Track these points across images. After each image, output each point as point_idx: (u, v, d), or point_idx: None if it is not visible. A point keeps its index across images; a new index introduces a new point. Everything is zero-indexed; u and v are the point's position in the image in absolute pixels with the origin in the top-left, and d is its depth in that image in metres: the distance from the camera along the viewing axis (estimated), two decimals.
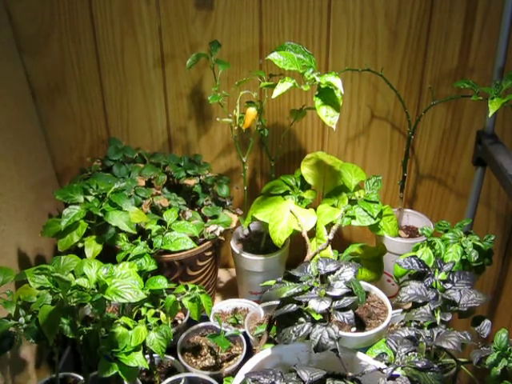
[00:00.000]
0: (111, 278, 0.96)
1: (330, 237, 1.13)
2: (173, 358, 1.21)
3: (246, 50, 1.38)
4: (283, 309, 0.89)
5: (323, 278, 0.92)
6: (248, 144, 1.36)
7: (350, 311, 0.86)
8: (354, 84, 1.40)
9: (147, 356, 1.11)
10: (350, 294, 0.88)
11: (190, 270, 1.32)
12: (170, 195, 1.34)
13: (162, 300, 1.09)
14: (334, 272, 0.92)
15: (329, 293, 0.87)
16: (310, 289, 0.89)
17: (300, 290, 0.89)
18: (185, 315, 1.31)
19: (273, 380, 0.83)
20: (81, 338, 1.01)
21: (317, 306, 0.85)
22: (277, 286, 0.92)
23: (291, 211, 1.20)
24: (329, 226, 1.21)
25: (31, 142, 1.36)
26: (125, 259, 1.12)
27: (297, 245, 1.50)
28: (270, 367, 0.95)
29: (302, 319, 0.88)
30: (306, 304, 0.87)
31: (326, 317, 0.89)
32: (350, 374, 0.85)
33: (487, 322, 0.97)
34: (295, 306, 0.89)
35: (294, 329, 0.87)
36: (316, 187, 1.34)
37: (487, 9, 1.27)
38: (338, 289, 0.88)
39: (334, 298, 0.87)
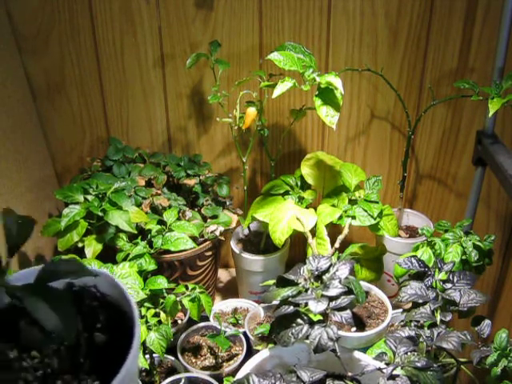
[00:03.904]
0: None
1: (337, 245, 1.15)
2: (173, 358, 1.21)
3: (246, 50, 1.38)
4: (280, 311, 0.88)
5: (318, 278, 0.91)
6: (248, 144, 1.36)
7: (348, 311, 0.85)
8: (354, 84, 1.40)
9: (147, 356, 1.11)
10: (346, 293, 0.87)
11: (190, 269, 1.32)
12: (170, 195, 1.34)
13: (161, 300, 1.09)
14: (328, 271, 0.91)
15: (325, 293, 0.86)
16: (306, 290, 0.88)
17: (295, 292, 0.87)
18: (185, 315, 1.31)
19: (273, 381, 0.82)
20: None
21: (314, 307, 0.84)
22: (273, 289, 0.90)
23: (297, 218, 1.20)
24: (329, 226, 1.22)
25: (31, 141, 1.36)
26: (125, 259, 1.12)
27: (297, 245, 1.50)
28: (269, 367, 0.95)
29: (300, 321, 0.87)
30: (306, 305, 0.87)
31: (324, 317, 0.88)
32: (349, 373, 0.86)
33: (487, 321, 0.97)
34: (292, 307, 0.87)
35: (293, 331, 0.86)
36: (316, 187, 1.34)
37: (487, 8, 1.28)
38: (334, 288, 0.87)
39: (331, 299, 0.86)
